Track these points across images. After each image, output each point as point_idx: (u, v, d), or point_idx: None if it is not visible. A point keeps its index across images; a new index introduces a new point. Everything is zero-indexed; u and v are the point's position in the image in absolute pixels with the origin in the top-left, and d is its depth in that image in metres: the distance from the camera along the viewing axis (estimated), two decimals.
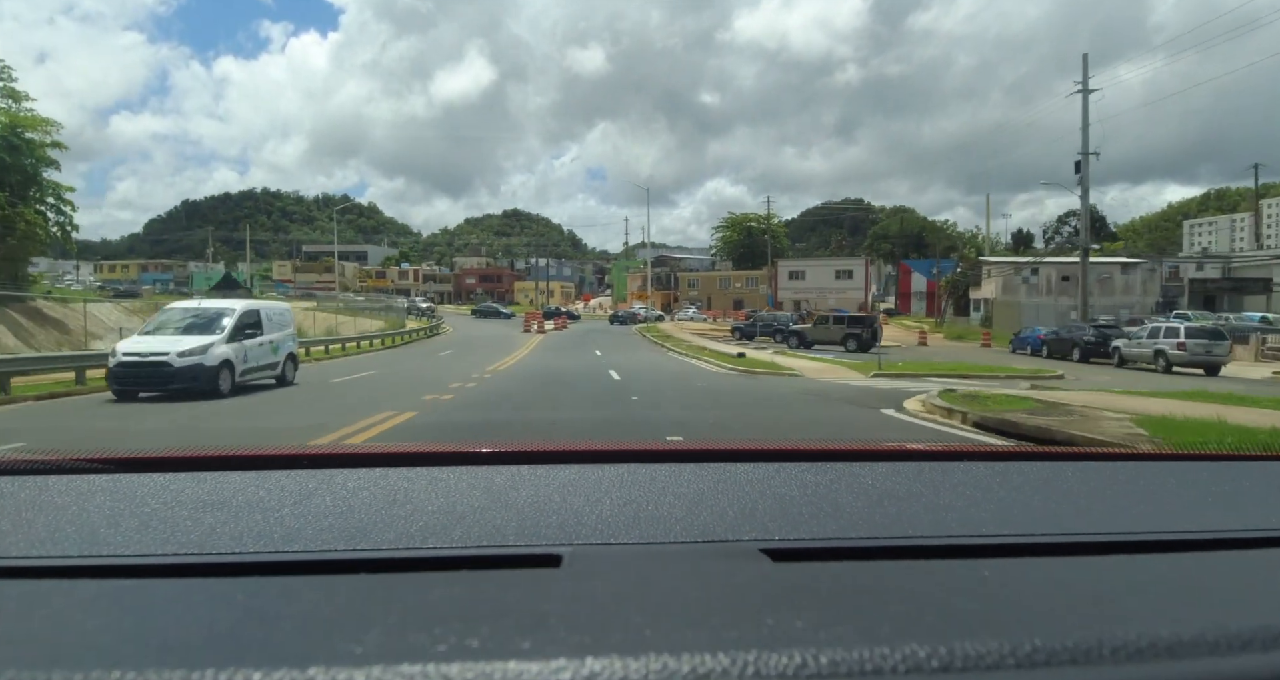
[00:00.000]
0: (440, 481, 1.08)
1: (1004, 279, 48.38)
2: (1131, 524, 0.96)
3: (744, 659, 0.53)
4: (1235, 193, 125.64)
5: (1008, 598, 0.69)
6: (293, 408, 12.75)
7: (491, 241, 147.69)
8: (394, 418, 10.15)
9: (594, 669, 0.53)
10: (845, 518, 0.94)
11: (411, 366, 22.54)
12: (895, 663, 0.54)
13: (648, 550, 0.83)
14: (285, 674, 0.51)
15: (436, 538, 0.85)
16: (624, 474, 1.12)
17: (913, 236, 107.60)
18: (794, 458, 1.25)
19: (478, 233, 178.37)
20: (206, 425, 10.31)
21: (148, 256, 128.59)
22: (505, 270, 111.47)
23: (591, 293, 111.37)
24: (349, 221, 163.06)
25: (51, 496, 1.01)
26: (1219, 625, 0.60)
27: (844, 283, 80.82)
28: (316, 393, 14.86)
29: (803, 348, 32.02)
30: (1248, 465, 1.29)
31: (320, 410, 12.12)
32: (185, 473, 1.12)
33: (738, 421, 10.55)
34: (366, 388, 15.66)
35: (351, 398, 13.70)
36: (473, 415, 11.02)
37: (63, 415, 11.80)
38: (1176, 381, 18.70)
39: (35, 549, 0.83)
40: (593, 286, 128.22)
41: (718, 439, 7.80)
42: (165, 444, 1.76)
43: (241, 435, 9.47)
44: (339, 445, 4.39)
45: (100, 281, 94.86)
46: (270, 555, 0.81)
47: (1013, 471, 1.20)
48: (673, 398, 13.67)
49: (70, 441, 9.05)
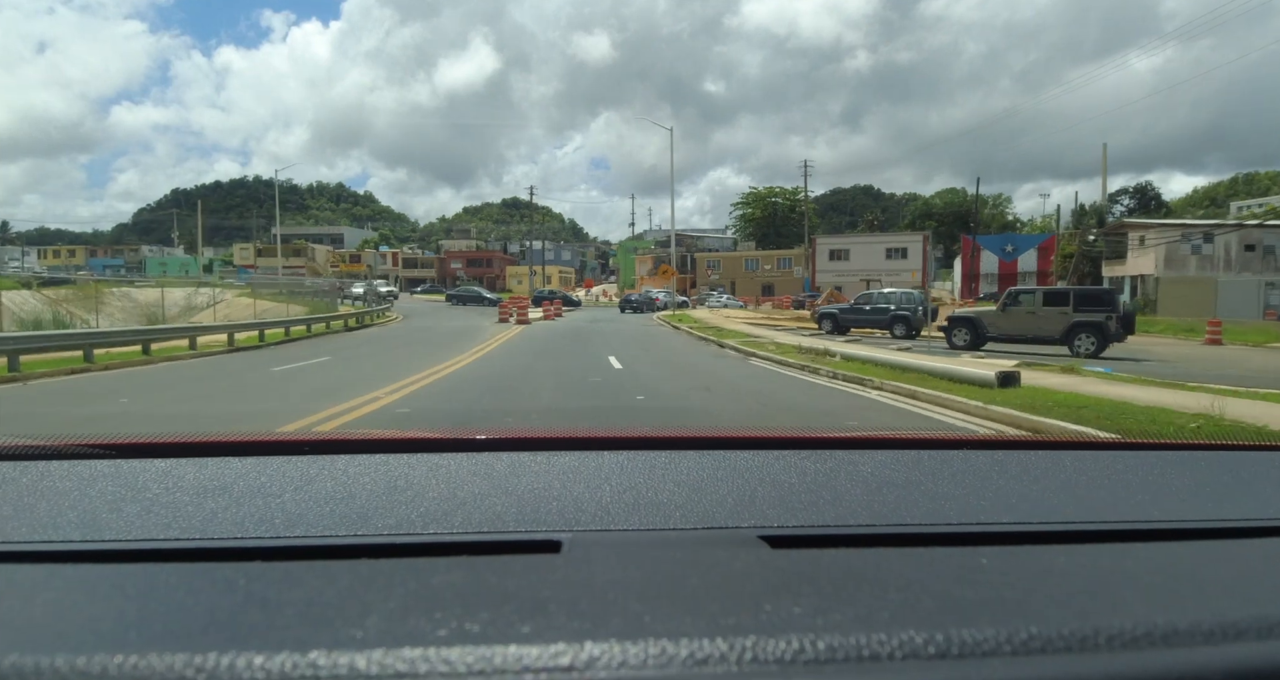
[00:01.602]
0: (441, 468, 1.08)
1: (1165, 250, 35.12)
2: (1128, 513, 0.96)
3: (741, 644, 0.53)
4: (1265, 177, 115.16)
5: (1004, 585, 0.69)
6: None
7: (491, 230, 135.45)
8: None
9: (593, 653, 0.53)
10: (844, 505, 0.94)
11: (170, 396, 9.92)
12: (892, 649, 0.54)
13: (647, 536, 0.83)
14: (287, 658, 0.51)
15: (437, 524, 0.85)
16: (624, 461, 1.12)
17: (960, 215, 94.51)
18: (793, 446, 1.26)
19: (476, 221, 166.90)
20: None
21: (135, 245, 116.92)
22: (496, 254, 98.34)
23: (594, 279, 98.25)
24: (344, 210, 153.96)
25: (54, 482, 1.01)
26: (1214, 614, 0.60)
27: (896, 263, 67.63)
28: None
29: (970, 347, 18.46)
30: (1244, 455, 1.28)
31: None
32: (187, 458, 1.12)
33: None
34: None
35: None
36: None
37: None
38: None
39: (38, 534, 0.83)
40: (595, 272, 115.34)
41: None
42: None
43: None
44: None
45: (46, 268, 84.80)
46: (272, 540, 0.81)
47: (1010, 460, 1.19)
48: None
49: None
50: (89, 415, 8.59)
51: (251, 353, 18.30)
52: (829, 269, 70.09)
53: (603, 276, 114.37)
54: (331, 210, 76.80)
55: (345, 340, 22.90)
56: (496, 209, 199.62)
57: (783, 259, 73.70)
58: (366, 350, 18.37)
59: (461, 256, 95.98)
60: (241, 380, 12.50)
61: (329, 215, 76.40)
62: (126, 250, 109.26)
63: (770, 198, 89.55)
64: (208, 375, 13.18)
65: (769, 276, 71.98)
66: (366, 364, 14.70)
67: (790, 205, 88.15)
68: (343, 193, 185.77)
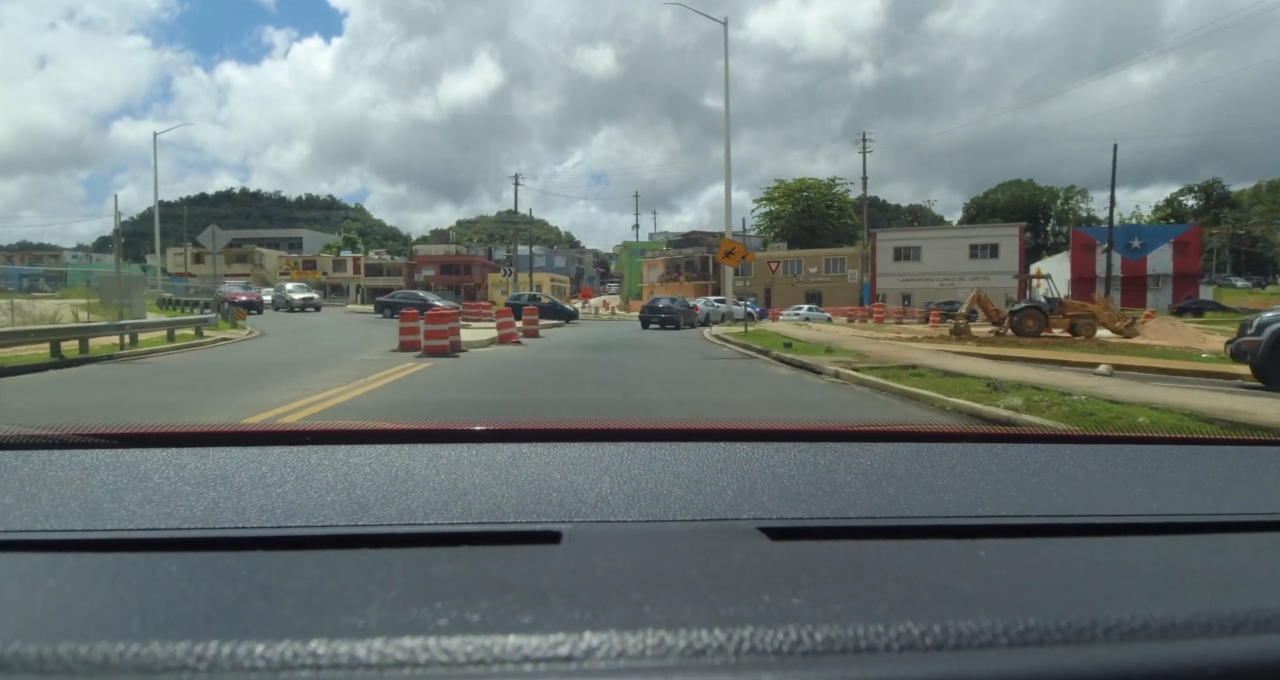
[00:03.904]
0: (441, 458, 1.08)
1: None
2: (1127, 506, 0.96)
3: (740, 635, 0.54)
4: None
5: (1003, 577, 0.69)
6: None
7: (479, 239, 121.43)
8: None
9: (592, 644, 0.53)
10: (843, 497, 0.94)
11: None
12: (890, 641, 0.54)
13: (647, 528, 0.83)
14: (288, 647, 0.52)
15: (438, 514, 0.85)
16: (624, 452, 1.12)
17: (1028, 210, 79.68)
18: (793, 438, 1.26)
19: (470, 233, 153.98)
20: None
21: (56, 252, 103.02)
22: (476, 259, 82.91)
23: (592, 287, 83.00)
24: (334, 225, 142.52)
25: (55, 471, 1.01)
26: (1212, 607, 0.60)
27: (983, 263, 52.26)
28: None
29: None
30: (1244, 450, 1.29)
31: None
32: (188, 448, 1.12)
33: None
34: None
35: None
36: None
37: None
38: None
39: (39, 523, 0.83)
40: (594, 282, 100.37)
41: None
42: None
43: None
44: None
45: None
46: (273, 530, 0.81)
47: (1010, 453, 1.20)
48: None
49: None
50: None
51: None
52: (893, 271, 54.81)
53: (602, 286, 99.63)
54: (321, 224, 65.27)
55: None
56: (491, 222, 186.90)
57: (832, 260, 58.34)
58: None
59: (434, 262, 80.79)
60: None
61: (317, 229, 64.51)
62: (46, 257, 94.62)
63: (801, 192, 74.34)
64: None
65: (815, 282, 56.73)
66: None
67: (826, 200, 73.15)
68: (333, 205, 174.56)
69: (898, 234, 60.30)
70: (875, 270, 55.02)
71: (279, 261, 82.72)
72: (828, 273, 57.73)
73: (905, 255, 54.86)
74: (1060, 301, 25.69)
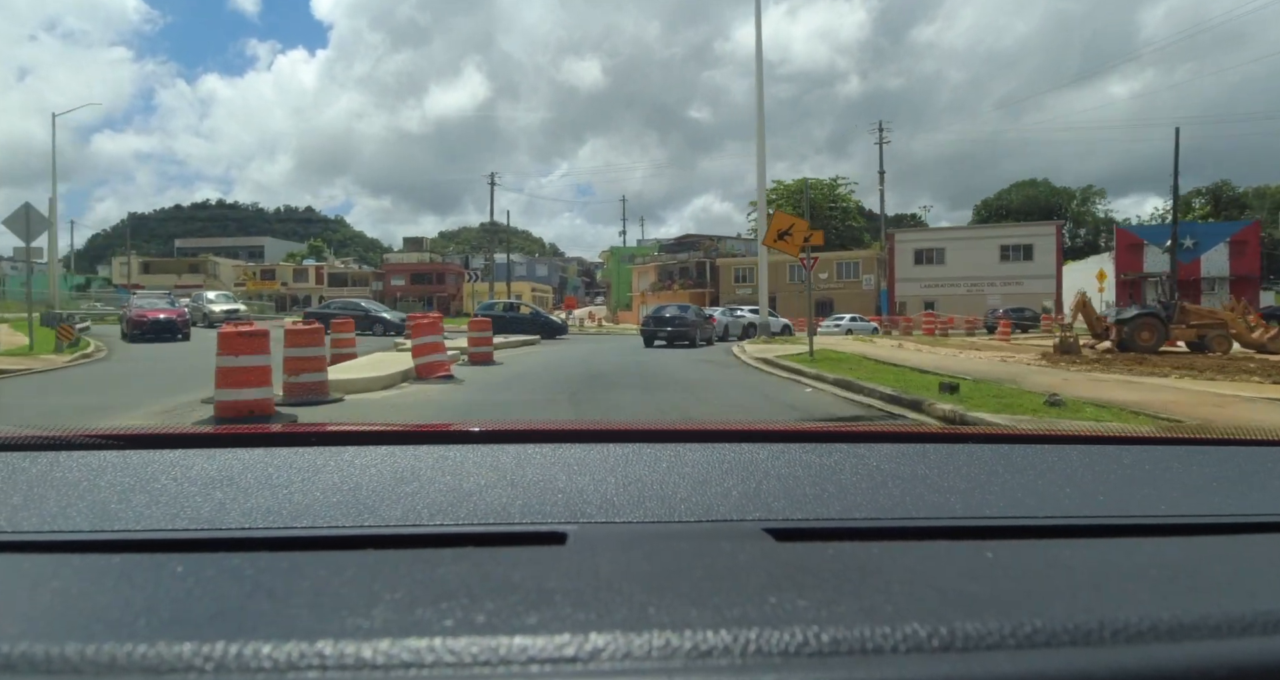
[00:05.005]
0: (447, 459, 1.08)
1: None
2: (1134, 507, 0.96)
3: (745, 636, 0.54)
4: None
5: (1010, 579, 0.69)
6: None
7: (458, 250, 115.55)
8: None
9: (597, 645, 0.53)
10: (849, 499, 0.94)
11: None
12: (896, 642, 0.54)
13: (652, 529, 0.83)
14: (294, 647, 0.52)
15: (443, 515, 0.86)
16: (629, 453, 1.11)
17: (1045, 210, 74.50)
18: (798, 439, 1.26)
19: (453, 245, 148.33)
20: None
21: (80, 271, 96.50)
22: (451, 267, 76.54)
23: (577, 298, 76.86)
24: (313, 235, 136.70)
25: (63, 472, 1.01)
26: (1220, 609, 0.60)
27: (1015, 266, 46.53)
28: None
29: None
30: (1253, 451, 1.27)
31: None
32: (195, 449, 1.13)
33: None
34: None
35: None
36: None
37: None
38: None
39: (47, 524, 0.83)
40: (579, 292, 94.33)
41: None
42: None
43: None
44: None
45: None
46: (279, 531, 0.81)
47: (1016, 454, 1.19)
48: None
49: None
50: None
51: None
52: (914, 276, 49.01)
53: (586, 297, 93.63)
54: (300, 236, 59.92)
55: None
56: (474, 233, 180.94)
57: (844, 264, 52.44)
58: None
59: (405, 270, 74.45)
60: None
61: (293, 241, 59.19)
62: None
63: (802, 192, 68.61)
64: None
65: (826, 288, 50.82)
66: None
67: (830, 201, 67.56)
68: (312, 217, 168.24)
69: (918, 234, 54.64)
70: (894, 275, 49.31)
71: (234, 271, 76.20)
72: (839, 278, 51.83)
73: (927, 258, 49.18)
74: (1182, 307, 19.84)
